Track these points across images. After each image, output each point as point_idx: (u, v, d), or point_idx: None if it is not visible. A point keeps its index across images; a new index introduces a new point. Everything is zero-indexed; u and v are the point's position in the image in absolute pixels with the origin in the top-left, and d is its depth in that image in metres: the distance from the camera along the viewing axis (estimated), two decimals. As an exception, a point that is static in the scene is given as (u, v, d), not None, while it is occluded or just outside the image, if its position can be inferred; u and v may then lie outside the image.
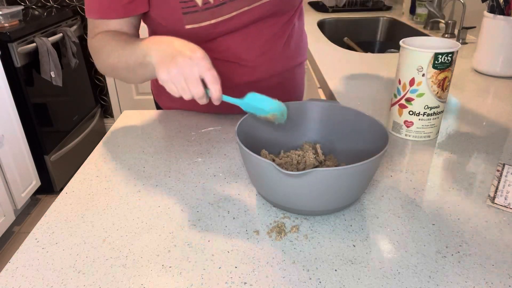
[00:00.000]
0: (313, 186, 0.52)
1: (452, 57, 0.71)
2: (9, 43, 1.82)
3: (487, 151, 0.75)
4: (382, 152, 0.54)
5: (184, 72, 0.57)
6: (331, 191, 0.53)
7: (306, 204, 0.55)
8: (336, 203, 0.56)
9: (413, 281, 0.47)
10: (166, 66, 0.58)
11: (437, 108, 0.75)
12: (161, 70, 0.58)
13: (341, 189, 0.54)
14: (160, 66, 0.59)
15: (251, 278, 0.48)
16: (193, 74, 0.57)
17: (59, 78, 2.08)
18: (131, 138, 0.81)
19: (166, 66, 0.58)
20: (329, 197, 0.54)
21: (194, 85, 0.58)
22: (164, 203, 0.62)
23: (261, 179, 0.56)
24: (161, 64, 0.59)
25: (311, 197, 0.54)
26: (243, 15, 0.75)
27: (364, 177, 0.55)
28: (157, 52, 0.61)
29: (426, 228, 0.55)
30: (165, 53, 0.59)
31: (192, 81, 0.57)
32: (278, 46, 0.84)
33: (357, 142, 0.66)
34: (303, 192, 0.53)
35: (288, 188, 0.53)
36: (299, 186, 0.52)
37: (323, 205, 0.55)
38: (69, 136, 2.33)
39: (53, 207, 0.61)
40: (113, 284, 0.47)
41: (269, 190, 0.57)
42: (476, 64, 1.20)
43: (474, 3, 1.64)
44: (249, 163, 0.57)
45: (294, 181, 0.52)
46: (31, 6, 2.55)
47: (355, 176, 0.53)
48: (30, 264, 0.51)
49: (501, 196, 0.61)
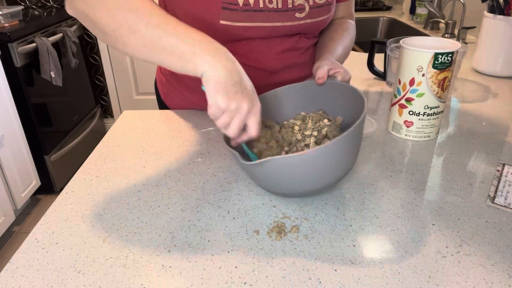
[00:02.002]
0: (271, 173, 0.55)
1: (452, 57, 0.71)
2: (9, 43, 1.82)
3: (487, 151, 0.75)
4: (347, 133, 0.53)
5: (241, 113, 0.56)
6: (290, 177, 0.55)
7: (281, 187, 0.57)
8: (308, 185, 0.57)
9: (413, 281, 0.47)
10: (230, 97, 0.55)
11: (437, 108, 0.75)
12: (222, 96, 0.55)
13: (305, 174, 0.55)
14: (222, 89, 0.55)
15: (251, 278, 0.48)
16: (244, 120, 0.57)
17: (59, 78, 2.08)
18: (131, 138, 0.81)
19: (230, 96, 0.55)
20: (296, 181, 0.56)
21: (238, 127, 0.57)
22: (164, 203, 0.62)
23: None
24: (224, 88, 0.55)
25: (281, 181, 0.56)
26: (274, 28, 0.78)
27: (341, 154, 0.55)
28: (216, 64, 0.55)
29: (426, 228, 0.55)
30: (228, 77, 0.55)
31: (240, 122, 0.57)
32: (298, 56, 0.87)
33: (339, 112, 0.69)
34: (275, 177, 0.56)
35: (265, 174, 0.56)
36: (264, 172, 0.55)
37: (301, 188, 0.57)
38: (69, 136, 2.33)
39: (53, 207, 0.61)
40: (113, 284, 0.47)
41: (253, 177, 0.60)
42: (476, 64, 1.20)
43: (474, 3, 1.64)
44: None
45: (257, 169, 0.55)
46: (31, 6, 2.55)
47: (320, 160, 0.54)
48: (30, 264, 0.51)
49: (501, 196, 0.61)
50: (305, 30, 0.83)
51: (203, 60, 0.55)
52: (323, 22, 0.83)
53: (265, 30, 0.78)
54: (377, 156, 0.73)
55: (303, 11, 0.78)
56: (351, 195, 0.62)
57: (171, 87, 0.94)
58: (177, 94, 0.94)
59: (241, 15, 0.74)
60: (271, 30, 0.78)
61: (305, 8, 0.78)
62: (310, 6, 0.78)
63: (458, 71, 1.09)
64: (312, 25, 0.82)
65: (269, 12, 0.75)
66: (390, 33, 2.19)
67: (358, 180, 0.66)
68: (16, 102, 1.91)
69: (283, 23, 0.78)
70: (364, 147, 0.76)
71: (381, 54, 1.15)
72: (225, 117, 0.56)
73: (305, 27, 0.81)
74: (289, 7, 0.76)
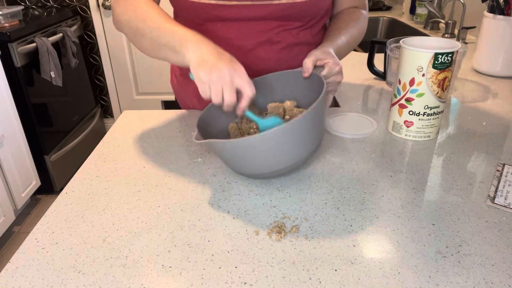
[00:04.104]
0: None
1: (452, 57, 0.71)
2: (9, 43, 1.81)
3: (487, 151, 0.75)
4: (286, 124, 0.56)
5: (224, 78, 0.60)
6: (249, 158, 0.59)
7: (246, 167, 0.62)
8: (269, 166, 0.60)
9: (413, 281, 0.47)
10: (208, 68, 0.60)
11: (437, 108, 0.75)
12: (202, 70, 0.61)
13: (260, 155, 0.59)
14: (201, 65, 0.61)
15: (251, 278, 0.48)
16: (232, 83, 0.60)
17: (59, 78, 2.08)
18: (131, 138, 0.81)
19: (208, 67, 0.60)
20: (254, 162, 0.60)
21: (230, 93, 0.61)
22: (164, 203, 0.62)
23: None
24: (202, 63, 0.61)
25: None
26: (244, 8, 0.76)
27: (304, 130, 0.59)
28: (196, 49, 0.62)
29: (426, 228, 0.55)
30: (206, 53, 0.62)
31: (230, 88, 0.60)
32: (276, 52, 0.83)
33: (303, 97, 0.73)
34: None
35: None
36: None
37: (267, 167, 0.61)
38: (69, 136, 2.33)
39: (53, 207, 0.61)
40: (113, 284, 0.47)
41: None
42: (476, 64, 1.20)
43: (474, 3, 1.64)
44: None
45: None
46: (31, 6, 2.55)
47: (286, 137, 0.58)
48: (30, 264, 0.51)
49: (501, 196, 0.61)
50: (285, 14, 0.78)
51: (187, 48, 0.63)
52: (305, 5, 0.77)
53: (235, 9, 0.76)
54: (377, 156, 0.73)
55: None
56: (351, 195, 0.62)
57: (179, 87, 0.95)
58: (194, 95, 0.93)
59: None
60: (242, 9, 0.76)
61: None
62: None
63: (458, 71, 1.09)
64: (290, 8, 0.77)
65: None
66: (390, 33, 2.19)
67: (358, 180, 0.66)
68: (16, 102, 1.91)
69: (253, 1, 0.75)
70: (364, 147, 0.76)
71: (381, 54, 1.15)
72: (214, 89, 0.60)
73: (282, 10, 0.77)
74: None
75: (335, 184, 0.65)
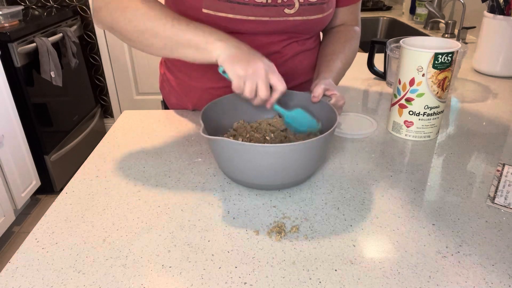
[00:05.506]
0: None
1: (452, 57, 0.71)
2: (9, 43, 1.81)
3: (487, 151, 0.75)
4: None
5: (261, 73, 0.62)
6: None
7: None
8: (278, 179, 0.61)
9: (413, 281, 0.47)
10: (245, 63, 0.62)
11: (437, 108, 0.75)
12: (239, 65, 0.62)
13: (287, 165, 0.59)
14: (236, 61, 0.63)
15: (251, 278, 0.48)
16: (267, 79, 0.63)
17: (59, 78, 2.08)
18: (131, 138, 0.81)
19: (245, 63, 0.62)
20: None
21: (265, 89, 0.63)
22: (164, 203, 0.62)
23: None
24: (236, 60, 0.63)
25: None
26: (261, 22, 0.77)
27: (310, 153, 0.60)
28: (226, 45, 0.64)
29: (426, 228, 0.55)
30: (238, 51, 0.63)
31: (265, 84, 0.63)
32: (282, 59, 0.85)
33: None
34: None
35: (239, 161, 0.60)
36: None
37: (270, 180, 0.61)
38: (69, 136, 2.33)
39: (53, 207, 0.61)
40: (113, 284, 0.47)
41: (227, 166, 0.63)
42: (476, 64, 1.20)
43: (474, 3, 1.64)
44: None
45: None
46: (31, 6, 2.55)
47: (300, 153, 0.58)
48: (30, 264, 0.51)
49: (501, 196, 0.61)
50: (296, 29, 0.81)
51: (215, 46, 0.64)
52: (316, 22, 0.81)
53: (252, 24, 0.76)
54: (377, 156, 0.73)
55: (293, 7, 0.76)
56: (351, 195, 0.62)
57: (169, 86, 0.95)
58: (174, 94, 0.94)
59: (224, 6, 0.73)
60: (258, 25, 0.77)
61: (295, 5, 0.76)
62: (300, 3, 0.76)
63: (458, 71, 1.09)
64: (302, 24, 0.79)
65: (255, 6, 0.74)
66: (390, 33, 2.19)
67: (358, 180, 0.66)
68: (16, 102, 1.91)
69: (270, 18, 0.76)
70: (364, 147, 0.76)
71: (381, 54, 1.15)
72: (248, 84, 0.63)
73: (295, 26, 0.79)
74: (278, 2, 0.75)
75: (335, 184, 0.65)
